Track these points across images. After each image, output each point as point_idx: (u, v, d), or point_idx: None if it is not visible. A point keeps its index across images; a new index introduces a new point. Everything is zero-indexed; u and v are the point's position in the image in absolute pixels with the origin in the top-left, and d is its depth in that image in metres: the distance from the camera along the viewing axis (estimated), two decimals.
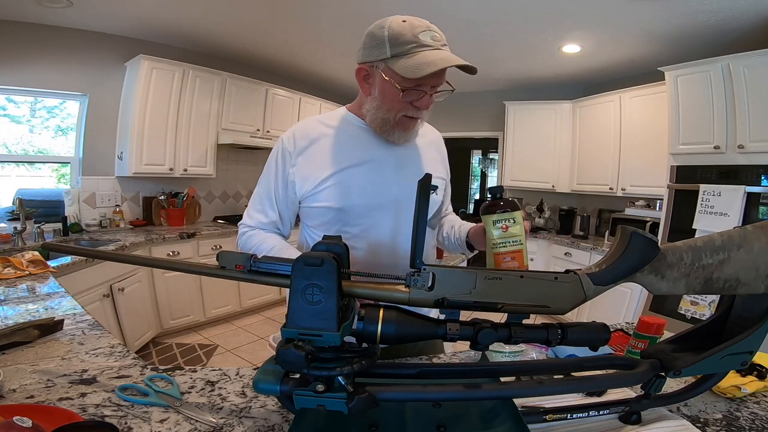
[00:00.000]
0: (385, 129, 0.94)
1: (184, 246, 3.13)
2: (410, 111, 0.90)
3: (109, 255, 0.73)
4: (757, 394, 0.81)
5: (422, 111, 0.90)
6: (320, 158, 0.95)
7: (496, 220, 0.80)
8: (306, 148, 0.96)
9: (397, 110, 0.89)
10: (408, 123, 0.92)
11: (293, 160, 0.96)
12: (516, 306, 0.58)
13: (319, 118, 1.02)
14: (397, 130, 0.93)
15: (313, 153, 0.96)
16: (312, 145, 0.97)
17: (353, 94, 1.02)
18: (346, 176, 0.94)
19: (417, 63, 0.81)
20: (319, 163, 0.95)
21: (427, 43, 0.83)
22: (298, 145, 0.97)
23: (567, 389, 0.66)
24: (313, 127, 0.99)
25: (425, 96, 0.87)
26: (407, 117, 0.91)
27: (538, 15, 2.65)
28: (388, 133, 0.94)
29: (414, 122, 0.93)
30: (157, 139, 3.20)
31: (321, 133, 0.98)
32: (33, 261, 1.73)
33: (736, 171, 2.50)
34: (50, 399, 0.70)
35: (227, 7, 2.75)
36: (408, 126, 0.93)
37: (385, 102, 0.90)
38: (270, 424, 0.65)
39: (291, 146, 0.97)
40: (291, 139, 0.98)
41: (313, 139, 0.97)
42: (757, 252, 0.58)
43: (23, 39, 2.74)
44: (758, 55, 2.35)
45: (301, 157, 0.96)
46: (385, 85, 0.87)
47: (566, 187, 4.10)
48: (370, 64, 0.89)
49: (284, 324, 0.53)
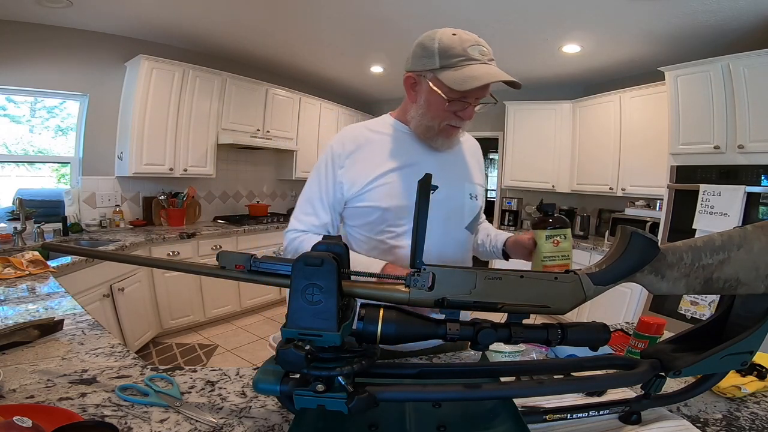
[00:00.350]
0: (428, 136, 0.99)
1: (184, 246, 3.13)
2: (454, 120, 0.94)
3: (109, 255, 0.73)
4: (757, 394, 0.81)
5: (465, 121, 0.95)
6: (368, 161, 1.00)
7: (549, 235, 0.88)
8: (354, 151, 1.01)
9: (442, 119, 0.94)
10: (451, 131, 0.97)
11: (342, 162, 1.01)
12: (516, 306, 0.58)
13: (364, 124, 1.07)
14: (441, 138, 0.98)
15: (361, 156, 1.01)
16: (359, 149, 1.01)
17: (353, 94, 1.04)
18: (392, 178, 0.98)
19: (464, 76, 0.85)
20: (367, 166, 1.00)
21: (475, 57, 0.86)
22: (346, 148, 1.01)
23: (567, 389, 0.66)
24: (360, 133, 1.04)
25: (469, 107, 0.92)
26: (451, 126, 0.95)
27: (538, 15, 2.65)
28: (432, 139, 0.99)
29: (456, 131, 0.98)
30: (157, 139, 3.20)
31: (367, 138, 1.03)
32: (33, 261, 1.73)
33: (736, 171, 2.50)
34: (50, 399, 0.70)
35: (227, 7, 2.75)
36: (451, 134, 0.98)
37: (430, 110, 0.94)
38: (270, 424, 0.65)
39: (340, 149, 1.02)
40: (340, 143, 1.03)
41: (360, 144, 1.02)
42: (757, 252, 0.58)
43: (23, 39, 2.74)
44: (758, 55, 2.35)
45: (349, 159, 1.00)
46: (431, 95, 0.92)
47: (566, 187, 4.10)
48: (418, 73, 0.94)
49: (284, 324, 0.53)
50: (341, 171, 1.00)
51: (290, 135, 4.32)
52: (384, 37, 3.21)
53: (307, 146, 4.55)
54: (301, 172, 4.54)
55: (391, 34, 3.15)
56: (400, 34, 3.12)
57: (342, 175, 1.00)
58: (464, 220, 1.05)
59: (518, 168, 4.36)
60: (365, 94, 5.40)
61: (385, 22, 2.91)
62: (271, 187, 4.70)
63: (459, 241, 1.05)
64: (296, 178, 4.51)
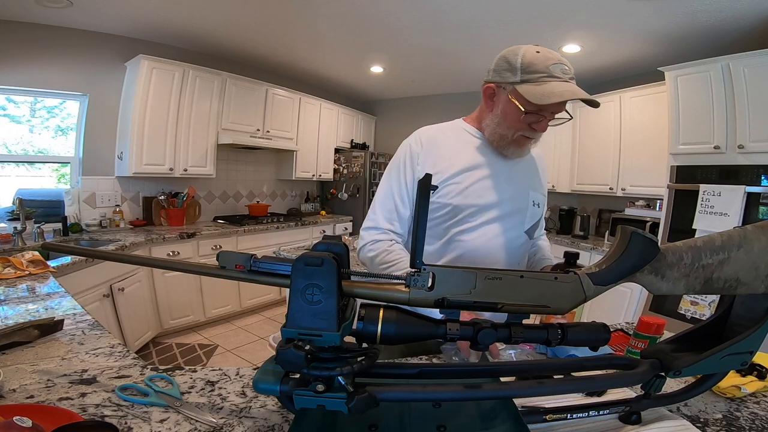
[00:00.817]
0: (501, 144, 1.04)
1: (184, 246, 3.13)
2: (528, 132, 0.99)
3: (109, 255, 0.73)
4: (757, 394, 0.81)
5: (538, 133, 1.00)
6: (442, 158, 1.05)
7: None
8: (430, 149, 1.06)
9: (516, 129, 0.99)
10: (523, 141, 1.02)
11: (419, 159, 1.06)
12: (516, 306, 0.58)
13: (439, 126, 1.13)
14: (513, 147, 1.03)
15: (437, 153, 1.06)
16: (435, 147, 1.06)
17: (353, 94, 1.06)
18: (464, 177, 1.03)
19: (545, 91, 0.89)
20: (442, 162, 1.04)
21: (556, 75, 0.90)
22: (424, 145, 1.07)
23: (567, 389, 0.66)
24: (436, 132, 1.10)
25: (544, 120, 0.96)
26: (524, 137, 1.00)
27: (538, 15, 2.65)
28: (504, 148, 1.04)
29: (529, 141, 1.03)
30: (157, 139, 3.20)
31: (444, 137, 1.08)
32: (33, 261, 1.73)
33: (736, 171, 2.50)
34: (50, 399, 0.70)
35: (227, 7, 2.75)
36: (522, 144, 1.03)
37: (506, 120, 0.99)
38: (270, 424, 0.65)
39: (418, 147, 1.07)
40: (417, 141, 1.08)
41: (436, 143, 1.07)
42: (757, 252, 0.58)
43: (23, 39, 2.74)
44: (758, 55, 2.35)
45: (426, 155, 1.06)
46: (509, 106, 0.97)
47: (566, 187, 4.10)
48: (498, 84, 0.99)
49: (284, 324, 0.53)
50: (419, 168, 1.05)
51: (290, 135, 4.32)
52: (384, 37, 3.21)
53: (307, 146, 4.55)
54: (301, 172, 4.54)
55: (391, 34, 3.15)
56: (401, 34, 3.12)
57: (420, 171, 1.05)
58: (525, 224, 1.10)
59: None
60: (365, 94, 5.40)
61: (385, 22, 2.91)
62: (271, 187, 4.70)
63: (516, 241, 1.08)
64: (296, 178, 4.51)
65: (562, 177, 4.10)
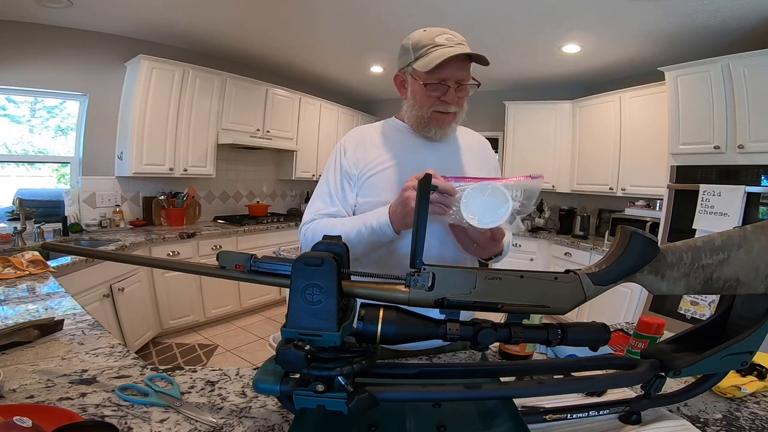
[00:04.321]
0: (420, 126, 1.04)
1: (184, 246, 3.13)
2: (440, 106, 0.99)
3: (109, 255, 0.73)
4: (757, 394, 0.81)
5: (450, 105, 0.98)
6: (368, 155, 1.05)
7: None
8: (356, 146, 1.08)
9: (428, 106, 0.99)
10: (440, 118, 1.01)
11: (347, 155, 1.07)
12: (516, 306, 0.58)
13: (370, 125, 1.15)
14: (433, 126, 1.02)
15: (362, 150, 1.07)
16: (361, 143, 1.08)
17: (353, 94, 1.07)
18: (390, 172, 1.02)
19: (430, 58, 0.92)
20: (367, 159, 1.05)
21: (441, 43, 0.93)
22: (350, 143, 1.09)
23: (567, 389, 0.66)
24: (363, 131, 1.13)
25: (450, 90, 0.96)
26: (438, 112, 0.99)
27: (538, 15, 2.65)
28: (425, 129, 1.03)
29: (447, 117, 1.01)
30: (157, 139, 3.20)
31: (369, 134, 1.10)
32: (33, 261, 1.73)
33: (736, 171, 2.50)
34: (50, 399, 0.70)
35: (227, 7, 2.75)
36: (441, 121, 1.01)
37: (416, 100, 1.01)
38: (270, 424, 0.65)
39: (346, 144, 1.09)
40: (345, 139, 1.11)
41: (362, 139, 1.09)
42: (757, 252, 0.58)
43: (23, 39, 2.74)
44: (758, 55, 2.35)
45: (352, 152, 1.07)
46: (414, 86, 1.00)
47: (566, 187, 4.10)
48: (403, 71, 1.03)
49: (284, 324, 0.53)
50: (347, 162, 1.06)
51: (290, 135, 4.32)
52: (384, 37, 3.21)
53: (307, 146, 4.54)
54: (301, 172, 4.54)
55: (391, 34, 3.15)
56: (400, 33, 3.08)
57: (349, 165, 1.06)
58: None
59: (518, 168, 4.36)
60: (365, 94, 5.40)
61: (385, 22, 2.91)
62: (271, 187, 4.70)
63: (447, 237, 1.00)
64: (296, 178, 4.50)
65: (562, 177, 4.10)
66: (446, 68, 0.92)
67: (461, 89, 0.98)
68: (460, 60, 0.92)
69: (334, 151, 1.11)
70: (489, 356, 0.95)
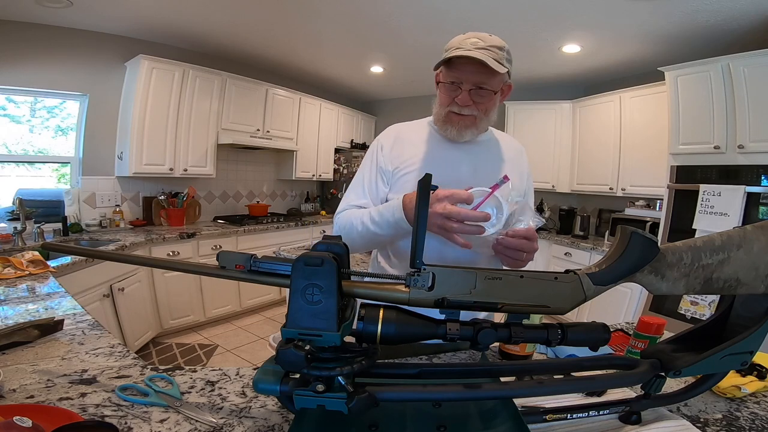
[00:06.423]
0: (439, 125, 1.05)
1: (184, 246, 3.13)
2: (454, 107, 0.99)
3: (109, 255, 0.73)
4: (757, 394, 0.81)
5: (463, 108, 0.98)
6: (403, 153, 1.07)
7: None
8: (393, 143, 1.10)
9: (445, 105, 1.00)
10: (455, 119, 1.00)
11: (384, 151, 1.09)
12: (516, 306, 0.58)
13: (408, 122, 1.16)
14: (448, 126, 1.02)
15: (398, 147, 1.09)
16: (398, 140, 1.10)
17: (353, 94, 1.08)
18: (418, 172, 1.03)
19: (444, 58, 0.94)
20: (402, 157, 1.07)
21: (464, 47, 0.92)
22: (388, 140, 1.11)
23: (567, 389, 0.66)
24: (401, 128, 1.14)
25: (462, 92, 0.96)
26: (452, 113, 1.00)
27: (538, 15, 2.65)
28: (442, 128, 1.04)
29: (463, 119, 1.00)
30: (157, 139, 3.20)
31: (406, 132, 1.12)
32: (33, 261, 1.72)
33: (736, 171, 2.50)
34: (50, 399, 0.70)
35: (227, 7, 2.75)
36: (456, 122, 1.00)
37: (439, 99, 1.03)
38: (270, 424, 0.65)
39: (383, 140, 1.12)
40: (383, 135, 1.14)
41: (399, 137, 1.11)
42: (757, 252, 0.58)
43: (23, 39, 2.74)
44: (758, 55, 2.35)
45: (389, 149, 1.09)
46: (439, 85, 1.03)
47: (566, 187, 4.10)
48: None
49: (284, 324, 0.53)
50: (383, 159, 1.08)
51: (290, 135, 4.32)
52: (384, 37, 3.21)
53: (307, 146, 4.55)
54: (301, 172, 4.54)
55: (391, 34, 3.15)
56: (400, 33, 3.12)
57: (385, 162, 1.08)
58: None
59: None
60: (365, 94, 5.40)
61: (385, 22, 2.91)
62: (271, 187, 4.70)
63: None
64: (296, 178, 4.51)
65: (562, 177, 4.10)
66: (458, 69, 0.92)
67: (477, 94, 0.96)
68: (475, 63, 0.90)
69: (372, 146, 1.14)
70: (489, 356, 0.95)
